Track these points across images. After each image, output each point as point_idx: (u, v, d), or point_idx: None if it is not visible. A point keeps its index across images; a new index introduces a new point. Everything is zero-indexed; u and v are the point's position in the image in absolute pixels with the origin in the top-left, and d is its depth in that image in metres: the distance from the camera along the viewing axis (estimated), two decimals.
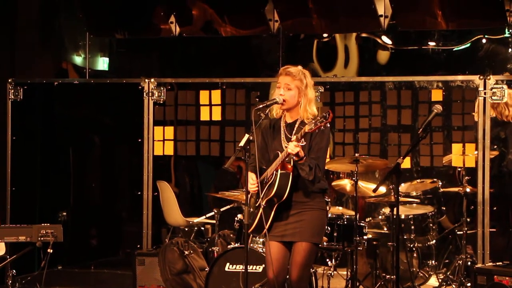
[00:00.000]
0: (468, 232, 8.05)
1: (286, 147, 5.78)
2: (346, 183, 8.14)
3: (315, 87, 6.22)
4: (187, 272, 8.05)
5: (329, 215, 7.40)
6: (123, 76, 9.37)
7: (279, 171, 5.77)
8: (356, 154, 7.72)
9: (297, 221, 5.84)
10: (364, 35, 9.57)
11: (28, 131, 9.29)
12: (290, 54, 9.46)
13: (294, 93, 5.88)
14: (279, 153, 5.78)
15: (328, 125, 5.67)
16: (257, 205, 5.92)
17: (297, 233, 5.84)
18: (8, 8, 9.34)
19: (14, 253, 7.39)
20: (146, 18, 9.03)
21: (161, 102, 8.89)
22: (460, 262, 8.05)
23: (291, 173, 5.77)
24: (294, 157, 5.70)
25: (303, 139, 5.64)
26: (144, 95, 8.87)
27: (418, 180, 8.44)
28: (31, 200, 9.32)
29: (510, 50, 9.21)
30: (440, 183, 8.42)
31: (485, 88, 7.98)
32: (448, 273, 8.23)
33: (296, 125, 5.88)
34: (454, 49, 9.31)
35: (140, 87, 8.88)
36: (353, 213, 7.74)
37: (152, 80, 8.87)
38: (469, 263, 8.04)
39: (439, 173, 8.61)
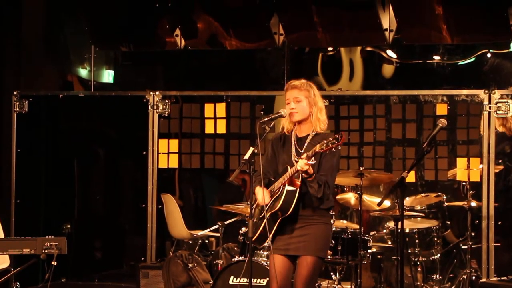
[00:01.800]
0: (472, 246, 8.03)
1: (296, 161, 5.79)
2: (350, 197, 8.13)
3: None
4: (191, 285, 8.04)
5: (334, 229, 7.41)
6: (128, 89, 9.39)
7: (286, 186, 5.77)
8: (361, 168, 7.72)
9: (301, 235, 5.84)
10: (369, 48, 9.57)
11: (33, 144, 9.30)
12: (295, 68, 9.47)
13: (305, 104, 5.90)
14: (288, 167, 5.77)
15: (340, 147, 5.68)
16: (261, 216, 5.92)
17: (301, 247, 5.83)
18: (13, 21, 9.38)
19: (18, 266, 7.36)
20: (151, 31, 9.07)
21: (166, 115, 8.92)
22: (465, 277, 8.02)
23: (298, 189, 5.77)
24: (303, 174, 5.70)
25: (313, 158, 5.64)
26: (149, 108, 8.90)
27: (423, 194, 8.43)
28: (35, 212, 9.32)
29: None
30: (445, 197, 8.40)
31: (490, 103, 7.99)
32: None
33: (308, 140, 5.88)
34: (459, 63, 9.31)
35: (145, 100, 8.90)
36: (357, 226, 7.73)
37: (157, 93, 8.90)
38: (473, 277, 8.01)
39: (443, 187, 8.60)
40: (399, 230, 6.49)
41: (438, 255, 8.30)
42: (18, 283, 8.58)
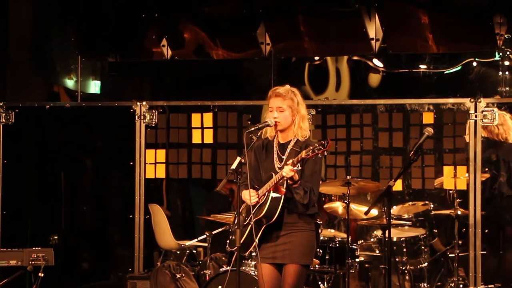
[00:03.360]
0: (460, 254, 8.05)
1: (279, 168, 5.80)
2: (338, 206, 8.14)
3: (307, 110, 6.20)
4: None
5: (321, 238, 7.42)
6: (115, 99, 9.37)
7: (271, 193, 5.77)
8: (348, 177, 7.73)
9: (286, 243, 5.84)
10: (355, 58, 9.61)
11: (19, 155, 9.26)
12: (282, 77, 9.48)
13: (288, 113, 5.89)
14: (273, 174, 5.78)
15: (326, 153, 5.69)
16: (245, 223, 5.92)
17: (286, 255, 5.83)
18: None
19: (5, 277, 7.36)
20: (138, 42, 9.07)
21: (153, 125, 8.90)
22: (452, 285, 8.04)
23: (283, 196, 5.77)
24: (288, 181, 5.71)
25: (299, 164, 5.65)
26: (136, 118, 8.88)
27: (410, 203, 8.44)
28: (22, 223, 9.28)
29: (500, 73, 9.26)
30: (432, 206, 8.42)
31: (476, 111, 8.02)
32: None
33: (289, 146, 5.88)
34: (445, 72, 9.35)
35: (132, 110, 8.89)
36: (345, 235, 7.74)
37: (144, 103, 8.89)
38: (461, 285, 8.03)
39: (430, 196, 8.62)
40: (386, 239, 6.50)
41: (426, 263, 8.31)
42: None
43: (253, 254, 5.95)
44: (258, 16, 8.58)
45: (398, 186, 8.21)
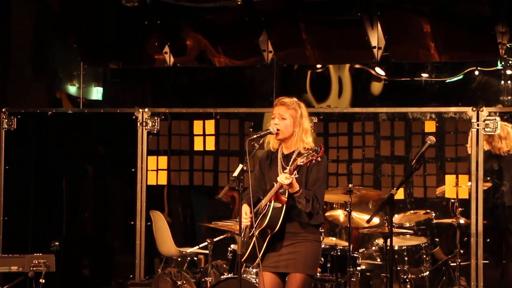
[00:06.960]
0: (461, 263, 8.04)
1: None
2: (339, 214, 8.13)
3: (309, 117, 6.20)
4: None
5: (323, 246, 7.41)
6: (117, 106, 9.38)
7: (272, 203, 5.77)
8: (350, 185, 7.72)
9: (290, 252, 5.83)
10: (357, 66, 9.61)
11: (21, 161, 9.27)
12: (284, 85, 9.49)
13: (289, 123, 5.88)
14: (275, 184, 5.78)
15: (325, 157, 5.70)
16: (250, 235, 5.92)
17: (290, 264, 5.82)
18: (2, 38, 9.37)
19: (6, 283, 7.34)
20: (140, 48, 9.08)
21: (155, 132, 8.91)
22: None
23: (284, 205, 5.77)
24: (288, 189, 5.70)
25: (295, 172, 5.65)
26: (138, 125, 8.89)
27: (412, 211, 8.44)
28: (23, 229, 9.27)
29: (502, 82, 9.26)
30: (434, 214, 8.42)
31: (478, 120, 8.02)
32: None
33: (293, 157, 5.88)
34: (447, 81, 9.35)
35: (134, 117, 8.90)
36: (346, 244, 7.73)
37: (146, 110, 8.89)
38: None
39: (432, 204, 8.61)
40: (388, 247, 6.49)
41: (427, 272, 8.30)
42: None
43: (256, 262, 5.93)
44: (260, 23, 8.59)
45: (400, 194, 8.21)
